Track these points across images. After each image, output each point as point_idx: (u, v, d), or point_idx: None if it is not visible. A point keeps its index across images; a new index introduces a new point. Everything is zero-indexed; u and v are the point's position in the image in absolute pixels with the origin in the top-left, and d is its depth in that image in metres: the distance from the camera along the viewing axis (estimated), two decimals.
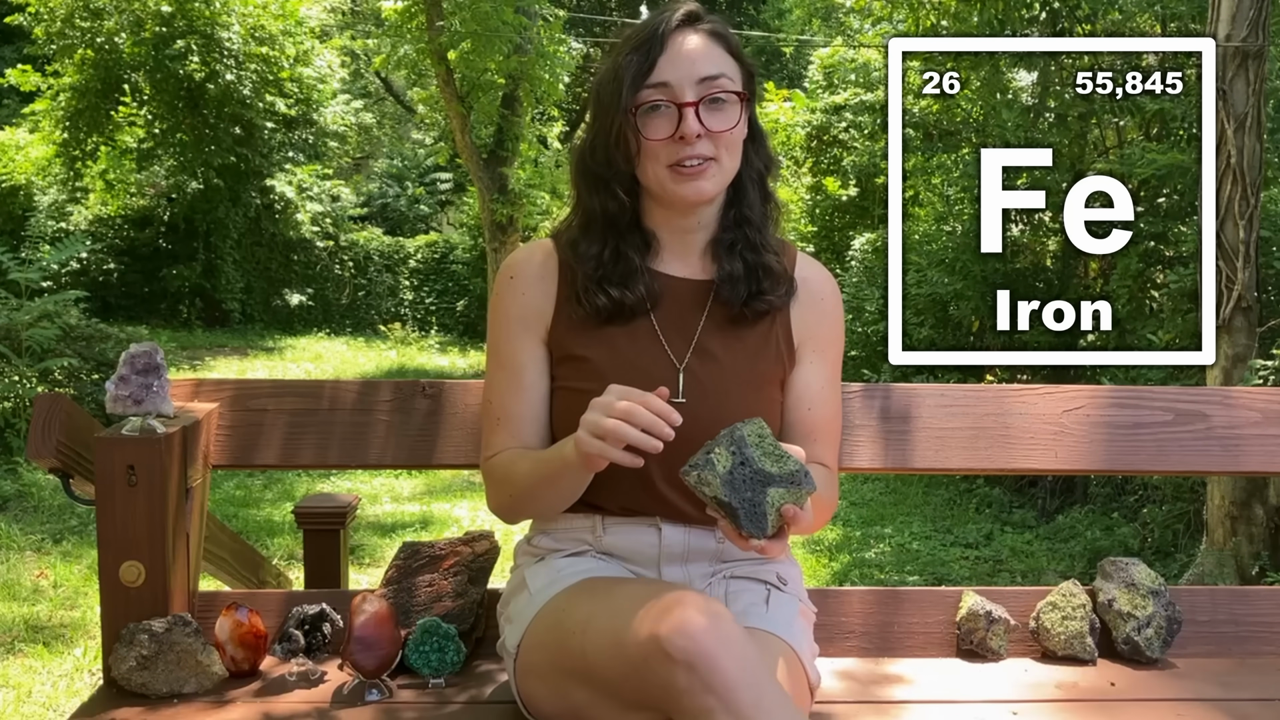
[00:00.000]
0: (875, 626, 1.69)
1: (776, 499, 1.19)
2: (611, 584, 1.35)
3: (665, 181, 1.39)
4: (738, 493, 1.18)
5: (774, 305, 1.46)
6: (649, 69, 1.38)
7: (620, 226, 1.44)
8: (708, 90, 1.37)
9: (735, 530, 1.20)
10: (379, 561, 4.72)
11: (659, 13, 1.42)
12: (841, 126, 10.24)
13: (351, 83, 18.83)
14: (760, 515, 1.19)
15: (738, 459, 1.19)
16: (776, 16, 17.89)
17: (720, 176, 1.41)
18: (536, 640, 1.36)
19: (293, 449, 1.73)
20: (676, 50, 1.38)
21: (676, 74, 1.37)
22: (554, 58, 11.76)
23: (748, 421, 1.22)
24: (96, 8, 13.18)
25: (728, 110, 1.39)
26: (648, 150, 1.39)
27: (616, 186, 1.43)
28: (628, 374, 1.39)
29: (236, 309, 14.32)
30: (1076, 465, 1.76)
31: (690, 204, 1.42)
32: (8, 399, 6.20)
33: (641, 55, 1.39)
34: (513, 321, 1.46)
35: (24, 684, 3.22)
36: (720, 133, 1.38)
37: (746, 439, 1.20)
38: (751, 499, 1.18)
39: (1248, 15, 4.36)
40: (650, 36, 1.39)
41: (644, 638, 1.15)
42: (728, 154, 1.40)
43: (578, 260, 1.44)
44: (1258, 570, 4.41)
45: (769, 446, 1.20)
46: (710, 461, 1.18)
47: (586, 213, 1.46)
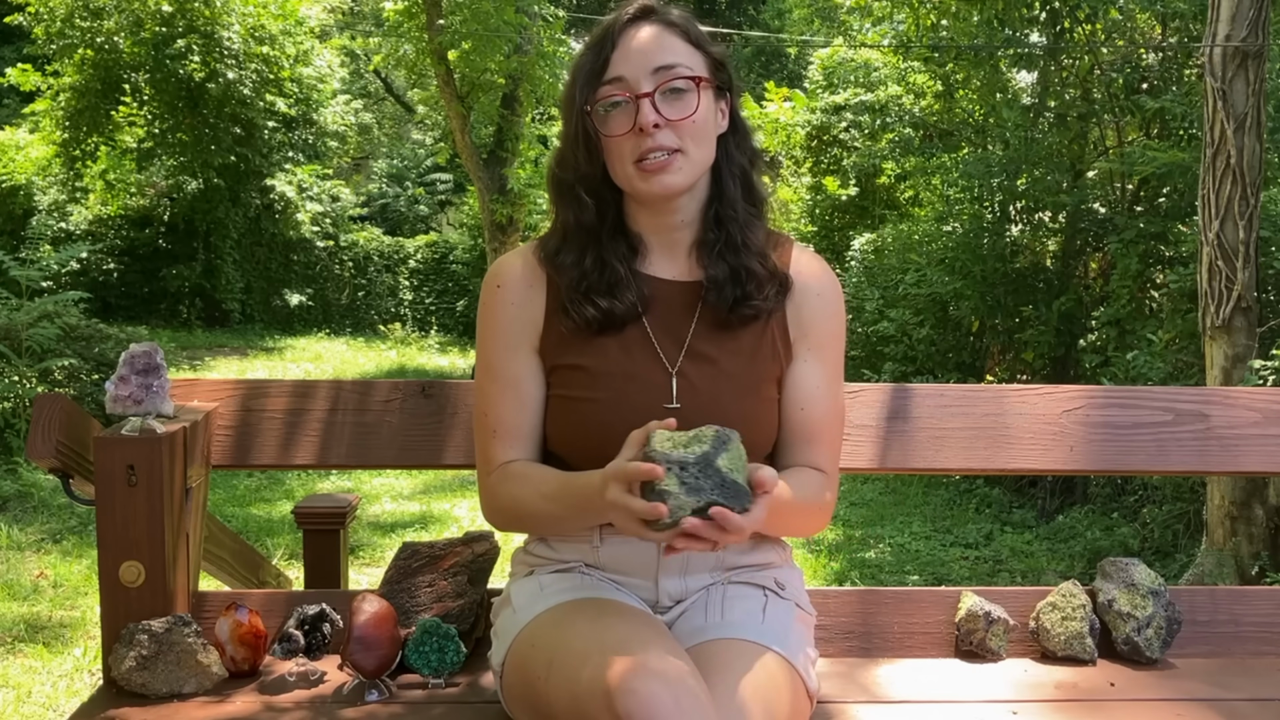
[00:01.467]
0: (875, 627, 1.69)
1: (728, 464, 1.17)
2: (579, 618, 1.31)
3: (633, 179, 1.37)
4: (703, 490, 1.16)
5: (762, 310, 1.42)
6: (603, 65, 1.37)
7: (599, 233, 1.42)
8: (663, 79, 1.35)
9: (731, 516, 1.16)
10: (379, 561, 4.72)
11: (613, 10, 1.41)
12: (841, 126, 10.24)
13: (351, 83, 18.84)
14: (733, 485, 1.17)
15: (676, 469, 1.16)
16: (776, 17, 17.89)
17: (689, 169, 1.37)
18: (514, 667, 1.35)
19: (292, 449, 1.73)
20: (629, 44, 1.37)
21: (630, 67, 1.36)
22: (554, 58, 11.76)
23: (648, 441, 1.19)
24: (96, 8, 13.19)
25: (686, 98, 1.36)
26: (611, 148, 1.37)
27: (584, 192, 1.41)
28: (621, 382, 1.38)
29: (236, 309, 14.32)
30: (1076, 465, 1.76)
31: (660, 199, 1.39)
32: (8, 399, 6.20)
33: (595, 53, 1.38)
34: (504, 333, 1.44)
35: (24, 684, 3.23)
36: (679, 121, 1.35)
37: (662, 450, 1.17)
38: (715, 484, 1.16)
39: (1248, 15, 4.36)
40: (604, 35, 1.38)
41: (600, 699, 1.12)
42: (694, 144, 1.37)
43: (559, 272, 1.42)
44: (1257, 570, 4.41)
45: (680, 439, 1.18)
46: (663, 491, 1.15)
47: (562, 223, 1.45)
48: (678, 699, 1.11)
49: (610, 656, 1.16)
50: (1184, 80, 6.96)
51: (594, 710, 1.13)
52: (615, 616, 1.30)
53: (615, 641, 1.20)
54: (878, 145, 9.74)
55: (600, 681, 1.13)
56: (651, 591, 1.42)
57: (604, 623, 1.27)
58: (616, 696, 1.11)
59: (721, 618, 1.37)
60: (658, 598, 1.42)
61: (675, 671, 1.15)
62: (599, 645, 1.20)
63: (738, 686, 1.23)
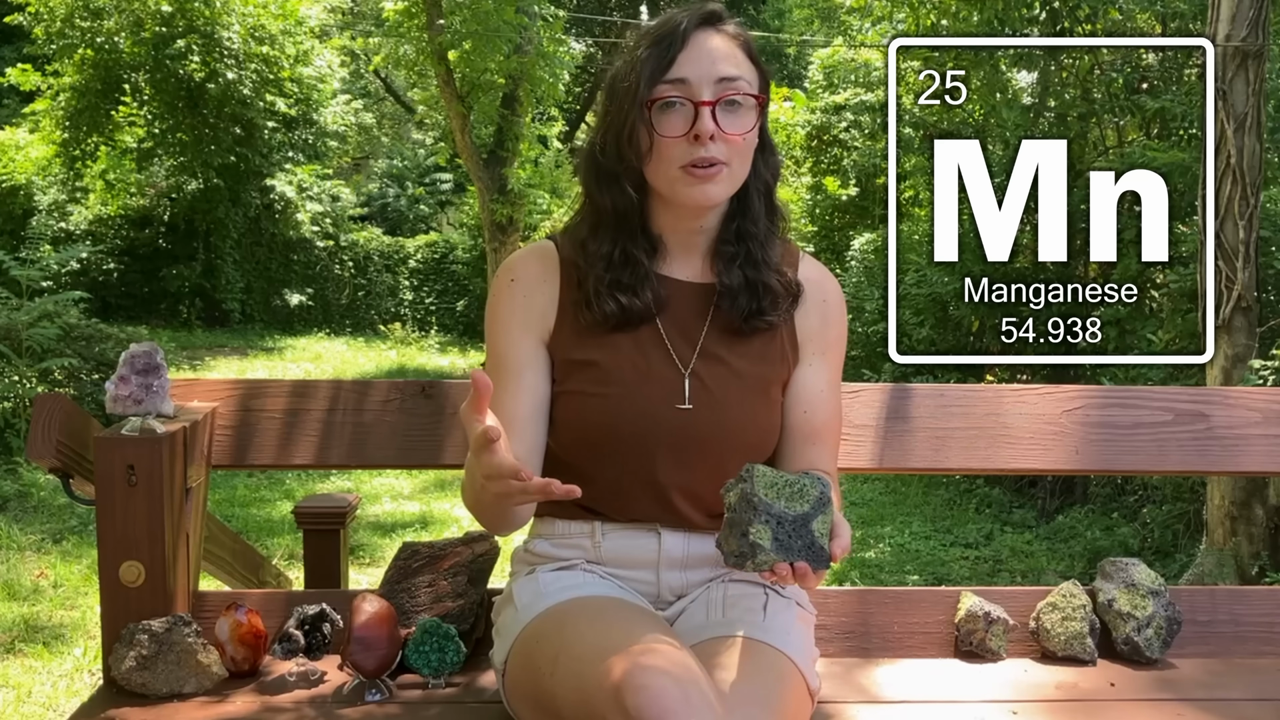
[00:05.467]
0: (875, 627, 1.69)
1: (820, 528, 1.20)
2: (582, 616, 1.31)
3: (675, 183, 1.37)
4: (792, 550, 1.19)
5: (774, 324, 1.43)
6: (668, 64, 1.36)
7: (629, 227, 1.42)
8: (725, 91, 1.35)
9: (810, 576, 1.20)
10: (379, 561, 4.72)
11: (681, 10, 1.40)
12: (841, 126, 10.24)
13: (351, 83, 18.83)
14: (819, 550, 1.20)
15: (773, 523, 1.19)
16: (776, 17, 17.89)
17: (729, 182, 1.38)
18: (517, 665, 1.35)
19: (292, 449, 1.73)
20: (697, 48, 1.36)
21: (696, 71, 1.35)
22: (554, 58, 11.76)
23: (748, 477, 1.20)
24: (96, 8, 13.18)
25: (743, 114, 1.36)
26: (660, 148, 1.36)
27: (627, 183, 1.40)
28: (634, 379, 1.38)
29: (236, 309, 14.32)
30: (1076, 465, 1.76)
31: (698, 207, 1.40)
32: (8, 399, 6.20)
33: (661, 50, 1.36)
34: (514, 323, 1.43)
35: (24, 684, 3.23)
36: (734, 136, 1.35)
37: (765, 498, 1.19)
38: (805, 545, 1.19)
39: (1248, 15, 4.36)
40: (671, 32, 1.37)
41: (608, 695, 1.12)
42: (739, 160, 1.38)
43: (587, 260, 1.42)
44: (1257, 570, 4.41)
45: (784, 488, 1.20)
46: (755, 545, 1.18)
47: (597, 211, 1.43)
48: (687, 694, 1.11)
49: (617, 653, 1.16)
50: (1184, 80, 6.96)
51: (603, 706, 1.13)
52: (619, 614, 1.30)
53: (621, 638, 1.20)
54: (878, 145, 9.74)
55: (608, 677, 1.13)
56: (653, 585, 1.43)
57: (609, 620, 1.27)
58: (626, 692, 1.11)
59: (722, 616, 1.37)
60: (659, 591, 1.43)
61: (683, 667, 1.15)
62: (605, 642, 1.20)
63: (740, 684, 1.23)
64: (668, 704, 1.09)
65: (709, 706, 1.12)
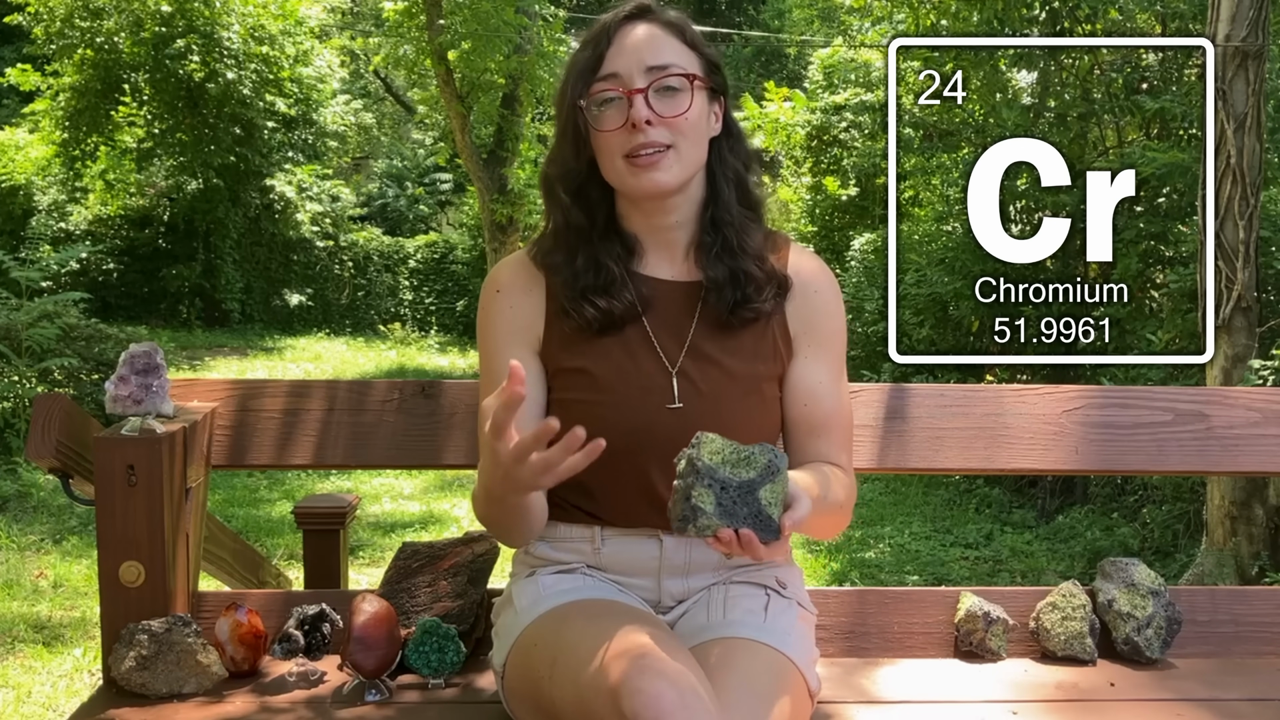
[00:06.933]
0: (874, 627, 1.69)
1: (769, 496, 1.17)
2: (581, 618, 1.31)
3: (623, 175, 1.37)
4: (737, 516, 1.16)
5: (762, 312, 1.42)
6: (597, 62, 1.37)
7: (589, 234, 1.42)
8: (656, 77, 1.36)
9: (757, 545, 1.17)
10: (379, 561, 4.72)
11: (610, 10, 1.42)
12: (841, 126, 10.24)
13: (351, 83, 18.82)
14: (766, 519, 1.17)
15: (716, 487, 1.16)
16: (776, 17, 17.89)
17: (679, 166, 1.37)
18: (516, 667, 1.35)
19: (292, 449, 1.73)
20: (624, 42, 1.38)
21: (625, 64, 1.36)
22: (554, 58, 11.77)
23: (696, 444, 1.18)
24: (96, 8, 13.17)
25: (679, 96, 1.37)
26: (602, 144, 1.37)
27: (573, 189, 1.41)
28: (623, 382, 1.38)
29: (236, 309, 14.31)
30: (1076, 465, 1.76)
31: (650, 195, 1.39)
32: (8, 399, 6.20)
33: (590, 50, 1.39)
34: (504, 335, 1.43)
35: (24, 684, 3.23)
36: (672, 118, 1.35)
37: (710, 464, 1.17)
38: (750, 512, 1.16)
39: (1248, 15, 4.36)
40: (599, 32, 1.39)
41: (606, 698, 1.12)
42: (685, 142, 1.37)
43: (552, 272, 1.43)
44: (1257, 570, 4.41)
45: (730, 455, 1.18)
46: (696, 508, 1.15)
47: (553, 223, 1.45)
48: (683, 698, 1.11)
49: (615, 656, 1.16)
50: (1184, 80, 6.96)
51: (600, 709, 1.13)
52: (618, 616, 1.29)
53: (620, 641, 1.20)
54: (878, 145, 9.74)
55: (606, 680, 1.14)
56: (654, 591, 1.42)
57: (607, 622, 1.27)
58: (623, 695, 1.11)
59: (724, 616, 1.37)
60: (660, 598, 1.42)
61: (680, 671, 1.15)
62: (603, 644, 1.19)
63: (741, 685, 1.23)
64: (665, 708, 1.09)
65: (706, 711, 1.12)
